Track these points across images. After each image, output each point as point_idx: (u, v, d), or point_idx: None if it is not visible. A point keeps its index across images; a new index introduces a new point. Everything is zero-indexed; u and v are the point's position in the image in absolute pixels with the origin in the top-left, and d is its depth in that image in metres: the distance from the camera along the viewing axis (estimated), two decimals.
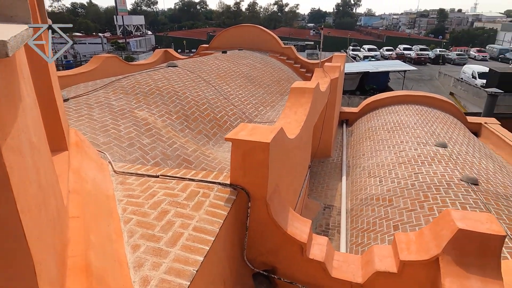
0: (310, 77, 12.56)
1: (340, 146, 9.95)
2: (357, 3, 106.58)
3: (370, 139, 9.04)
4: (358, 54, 44.12)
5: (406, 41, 60.79)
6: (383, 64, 30.70)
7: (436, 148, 7.30)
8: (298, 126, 4.61)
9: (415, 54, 44.63)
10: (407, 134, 8.44)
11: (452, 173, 6.00)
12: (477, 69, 30.10)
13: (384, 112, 10.61)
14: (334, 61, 11.18)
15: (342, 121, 11.73)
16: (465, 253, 2.52)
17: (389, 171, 6.76)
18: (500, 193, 5.43)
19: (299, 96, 5.42)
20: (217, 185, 3.03)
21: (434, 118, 9.76)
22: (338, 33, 69.77)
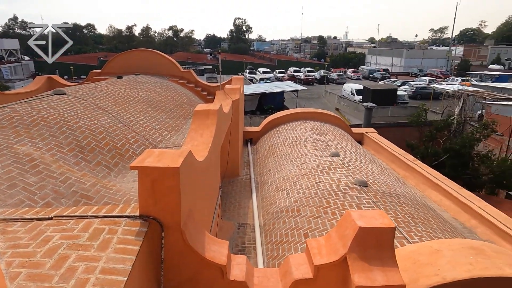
0: (212, 99, 12.75)
1: (247, 164, 10.24)
2: (249, 29, 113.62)
3: (274, 155, 9.54)
4: (255, 76, 46.85)
5: (295, 64, 67.17)
6: (278, 85, 33.17)
7: (331, 158, 8.10)
8: (206, 148, 4.60)
9: (303, 76, 49.56)
10: (305, 147, 9.17)
11: (347, 179, 6.72)
12: (354, 87, 34.86)
13: (284, 129, 11.37)
14: (234, 83, 11.63)
15: (247, 140, 12.15)
16: (367, 248, 2.82)
17: (294, 183, 7.21)
18: (385, 192, 6.29)
19: (203, 118, 5.44)
20: (125, 218, 2.78)
21: (326, 131, 10.85)
22: (234, 57, 72.98)
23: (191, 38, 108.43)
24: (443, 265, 3.18)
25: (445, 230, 5.33)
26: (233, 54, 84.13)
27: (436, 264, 3.23)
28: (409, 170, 9.28)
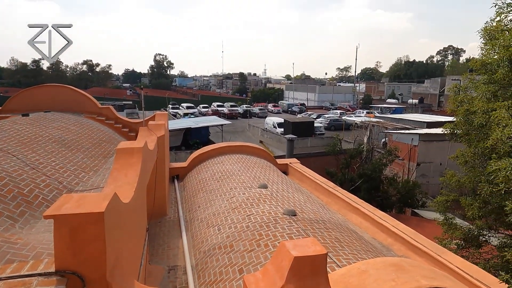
0: (134, 136, 12.18)
1: (175, 202, 9.83)
2: (171, 65, 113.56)
3: (202, 191, 9.36)
4: (178, 111, 46.36)
5: (218, 99, 68.51)
6: (203, 120, 33.25)
7: (259, 189, 8.25)
8: (132, 189, 4.32)
9: (227, 110, 50.68)
10: (234, 181, 9.20)
11: (276, 209, 6.88)
12: (276, 120, 36.73)
13: (212, 163, 11.30)
14: (158, 119, 11.32)
15: (173, 177, 11.74)
16: (303, 277, 2.87)
17: (225, 218, 7.11)
18: (313, 219, 6.58)
19: (127, 157, 5.14)
20: (37, 277, 2.41)
21: (253, 163, 11.09)
22: (156, 93, 71.60)
23: (108, 73, 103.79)
24: (371, 284, 3.40)
25: (368, 250, 5.72)
26: (155, 90, 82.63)
27: (365, 284, 3.43)
28: (331, 196, 9.89)
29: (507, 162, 4.57)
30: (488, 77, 8.10)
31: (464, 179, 9.86)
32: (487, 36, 7.49)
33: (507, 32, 6.61)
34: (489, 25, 7.44)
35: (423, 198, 20.01)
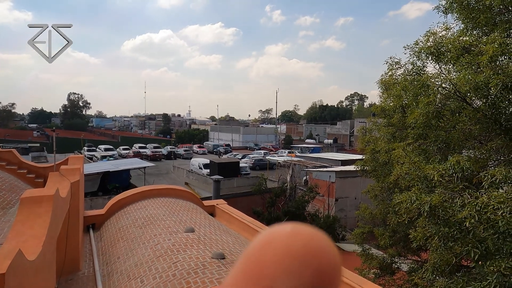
0: (42, 182, 10.90)
1: (89, 255, 8.84)
2: (87, 105, 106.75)
3: (123, 239, 8.64)
4: (95, 154, 43.04)
5: (140, 141, 65.72)
6: (123, 163, 31.33)
7: (186, 234, 7.95)
8: (39, 243, 3.82)
9: (150, 152, 48.71)
10: (158, 226, 8.73)
11: (204, 254, 6.66)
12: (201, 161, 36.42)
13: (133, 209, 10.60)
14: (71, 163, 10.37)
15: (88, 226, 10.64)
16: None
17: (148, 268, 6.62)
18: None
19: (34, 206, 4.58)
20: None
21: (179, 207, 10.71)
22: (69, 134, 65.87)
23: (11, 112, 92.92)
24: None
25: None
26: (68, 131, 76.02)
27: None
28: None
29: (406, 196, 5.25)
30: (387, 120, 9.41)
31: (376, 211, 10.89)
32: (383, 87, 8.81)
33: (397, 85, 7.87)
34: (384, 77, 8.79)
35: (342, 232, 21.31)
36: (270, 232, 0.27)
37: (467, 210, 4.22)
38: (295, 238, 0.25)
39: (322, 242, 0.27)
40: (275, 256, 0.24)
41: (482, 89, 6.03)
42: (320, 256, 0.25)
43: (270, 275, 0.23)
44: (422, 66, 7.85)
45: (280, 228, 0.27)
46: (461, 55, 6.74)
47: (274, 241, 0.25)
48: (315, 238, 0.27)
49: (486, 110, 6.46)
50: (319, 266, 0.24)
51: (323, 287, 0.24)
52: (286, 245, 0.24)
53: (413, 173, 5.76)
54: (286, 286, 0.23)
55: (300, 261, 0.24)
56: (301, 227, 0.28)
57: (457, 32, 8.08)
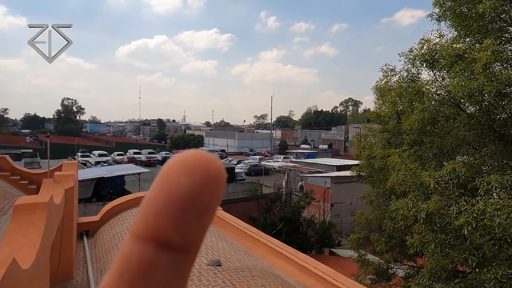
0: (36, 189, 10.77)
1: (83, 262, 8.73)
2: (81, 110, 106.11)
3: (117, 247, 8.54)
4: (89, 160, 42.71)
5: (135, 146, 65.36)
6: (117, 169, 31.10)
7: None
8: (33, 251, 3.76)
9: (145, 157, 48.44)
10: None
11: (200, 261, 6.61)
12: None
13: (128, 216, 10.51)
14: (65, 169, 10.27)
15: (82, 233, 10.52)
16: None
17: None
18: (238, 267, 6.47)
19: (28, 214, 4.51)
20: None
21: None
22: (62, 140, 65.33)
23: (3, 118, 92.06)
24: None
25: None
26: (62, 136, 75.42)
27: None
28: (254, 242, 9.91)
29: (403, 203, 5.27)
30: (382, 126, 9.46)
31: (371, 217, 10.90)
32: (379, 93, 8.88)
33: (392, 92, 7.95)
34: (379, 84, 8.87)
35: (338, 237, 21.29)
36: (172, 157, 0.35)
37: (464, 217, 4.25)
38: (188, 154, 0.34)
39: (208, 156, 0.35)
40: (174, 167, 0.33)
41: (476, 96, 6.10)
42: (206, 163, 0.34)
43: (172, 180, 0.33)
44: (417, 73, 7.94)
45: (182, 153, 0.36)
46: (454, 62, 6.83)
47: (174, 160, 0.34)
48: (203, 154, 0.35)
49: (480, 116, 6.53)
50: (205, 169, 0.33)
51: (209, 183, 0.33)
52: (182, 160, 0.34)
53: (409, 180, 5.79)
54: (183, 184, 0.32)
55: (191, 166, 0.33)
56: (195, 150, 0.36)
57: (451, 40, 8.19)
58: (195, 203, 0.33)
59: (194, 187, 0.33)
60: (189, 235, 0.33)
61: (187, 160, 0.34)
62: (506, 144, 6.62)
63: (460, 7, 7.79)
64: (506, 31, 7.80)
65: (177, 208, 0.33)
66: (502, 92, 5.64)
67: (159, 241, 0.32)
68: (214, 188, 0.35)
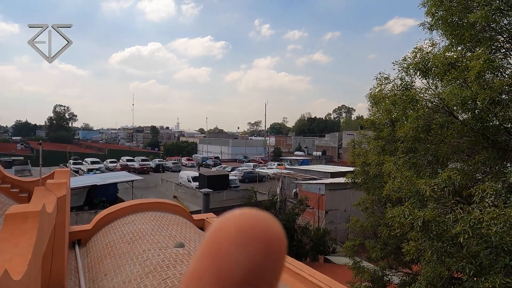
0: (27, 197, 10.58)
1: (75, 272, 8.56)
2: (73, 117, 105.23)
3: (110, 256, 8.40)
4: (81, 167, 42.24)
5: (128, 153, 64.86)
6: (110, 176, 30.80)
7: (176, 249, 7.78)
8: (25, 261, 3.68)
9: (138, 165, 48.04)
10: (147, 241, 8.53)
11: None
12: (190, 174, 36.06)
13: (121, 224, 10.36)
14: (58, 177, 10.12)
15: (73, 242, 10.34)
16: None
17: (137, 285, 6.43)
18: None
19: (19, 223, 4.43)
20: None
21: (168, 221, 10.52)
22: (54, 147, 64.61)
23: None
24: None
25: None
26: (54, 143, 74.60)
27: None
28: None
29: (399, 210, 5.28)
30: (377, 134, 9.52)
31: (366, 223, 10.90)
32: (373, 101, 8.96)
33: (386, 99, 8.03)
34: (373, 91, 8.95)
35: (333, 245, 21.23)
36: (221, 219, 0.30)
37: (460, 226, 4.26)
38: (243, 218, 0.28)
39: (266, 219, 0.30)
40: (227, 235, 0.27)
41: (469, 104, 6.18)
42: (265, 230, 0.28)
43: (224, 252, 0.27)
44: (411, 81, 8.03)
45: (229, 214, 0.30)
46: (447, 70, 6.92)
47: (225, 225, 0.28)
48: (260, 216, 0.29)
49: (473, 123, 6.60)
50: (265, 238, 0.27)
51: (270, 255, 0.28)
52: (235, 224, 0.28)
53: (405, 187, 5.81)
54: (239, 258, 0.26)
55: (248, 234, 0.27)
56: (247, 210, 0.30)
57: (443, 48, 8.32)
58: (254, 283, 0.27)
59: (253, 262, 0.27)
60: None
61: (240, 224, 0.28)
62: (499, 151, 6.69)
63: (451, 17, 7.93)
64: (497, 40, 7.95)
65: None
66: (494, 100, 5.72)
67: None
68: (276, 261, 0.29)
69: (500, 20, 7.44)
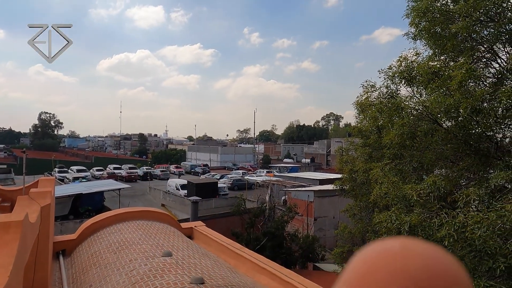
0: (10, 207, 10.30)
1: (59, 283, 8.33)
2: (59, 125, 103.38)
3: (96, 266, 8.22)
4: (66, 176, 41.44)
5: (115, 161, 64.00)
6: (97, 184, 30.30)
7: (163, 258, 7.66)
8: (5, 273, 3.57)
9: (125, 173, 47.38)
10: (134, 251, 8.39)
11: (182, 279, 6.43)
12: (179, 182, 35.75)
13: (107, 233, 10.16)
14: (42, 185, 9.90)
15: (58, 252, 10.08)
16: None
17: None
18: (221, 285, 6.32)
19: (1, 233, 4.31)
20: None
21: (155, 230, 10.38)
22: (39, 155, 63.28)
23: None
24: None
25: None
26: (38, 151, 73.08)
27: None
28: (238, 258, 9.75)
29: (386, 215, 5.36)
30: (364, 141, 9.67)
31: (354, 230, 10.98)
32: (359, 108, 9.11)
33: (373, 107, 8.18)
34: (360, 99, 9.11)
35: (322, 252, 21.25)
36: (377, 249, 0.21)
37: (445, 230, 4.35)
38: (410, 255, 0.19)
39: (444, 261, 0.20)
40: (388, 277, 0.19)
41: (452, 112, 6.35)
42: (443, 279, 0.19)
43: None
44: (396, 89, 8.21)
45: (388, 244, 0.21)
46: (431, 79, 7.11)
47: (384, 259, 0.20)
48: (435, 256, 0.20)
49: (456, 131, 6.77)
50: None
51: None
52: (400, 264, 0.19)
53: (392, 193, 5.90)
54: None
55: (419, 285, 0.18)
56: (415, 242, 0.22)
57: (427, 58, 8.54)
58: None
59: None
60: None
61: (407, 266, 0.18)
62: (481, 158, 6.86)
63: (434, 27, 8.17)
64: (478, 50, 8.21)
65: None
66: (476, 108, 5.89)
67: None
68: None
69: (480, 31, 7.70)
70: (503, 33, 7.42)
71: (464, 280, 0.21)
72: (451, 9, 7.86)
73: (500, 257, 4.13)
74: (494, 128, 6.87)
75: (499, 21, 7.11)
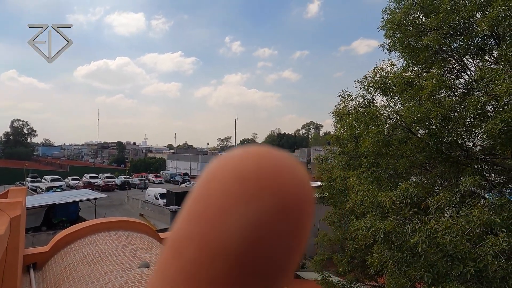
0: None
1: None
2: (32, 133, 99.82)
3: (69, 279, 7.93)
4: (40, 185, 39.94)
5: (92, 170, 62.33)
6: (71, 194, 29.36)
7: (140, 270, 7.49)
8: None
9: (102, 182, 46.17)
10: (110, 262, 8.15)
11: None
12: (158, 191, 35.15)
13: (82, 245, 9.84)
14: (12, 195, 9.50)
15: (28, 266, 9.65)
16: None
17: None
18: None
19: None
20: None
21: (133, 241, 10.13)
22: (10, 164, 60.87)
23: None
24: None
25: None
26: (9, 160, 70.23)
27: None
28: None
29: (362, 223, 5.46)
30: (342, 149, 9.85)
31: (334, 237, 11.08)
32: (337, 117, 9.30)
33: (350, 116, 8.38)
34: (337, 108, 9.32)
35: (302, 260, 21.29)
36: (216, 162, 0.20)
37: (418, 236, 4.48)
38: (246, 158, 0.18)
39: (281, 157, 0.19)
40: (222, 185, 0.17)
41: (424, 120, 6.59)
42: (280, 173, 0.18)
43: (217, 211, 0.17)
44: (371, 98, 8.45)
45: (230, 153, 0.20)
46: (404, 89, 7.36)
47: (220, 170, 0.18)
48: (271, 154, 0.19)
49: (429, 139, 7.02)
50: (280, 186, 0.18)
51: (291, 211, 0.18)
52: (235, 169, 0.18)
53: (367, 200, 6.03)
54: (239, 220, 0.17)
55: (253, 184, 0.17)
56: (253, 147, 0.20)
57: (401, 68, 8.86)
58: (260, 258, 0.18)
59: (261, 226, 0.18)
60: None
61: (242, 168, 0.18)
62: (452, 165, 7.13)
63: (408, 39, 8.49)
64: (449, 61, 8.59)
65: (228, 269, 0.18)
66: (446, 117, 6.13)
67: None
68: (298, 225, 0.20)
69: (451, 44, 8.07)
70: (472, 46, 7.80)
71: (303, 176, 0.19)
72: (423, 22, 8.21)
73: (470, 261, 4.30)
74: (464, 136, 7.17)
75: (467, 35, 7.48)
